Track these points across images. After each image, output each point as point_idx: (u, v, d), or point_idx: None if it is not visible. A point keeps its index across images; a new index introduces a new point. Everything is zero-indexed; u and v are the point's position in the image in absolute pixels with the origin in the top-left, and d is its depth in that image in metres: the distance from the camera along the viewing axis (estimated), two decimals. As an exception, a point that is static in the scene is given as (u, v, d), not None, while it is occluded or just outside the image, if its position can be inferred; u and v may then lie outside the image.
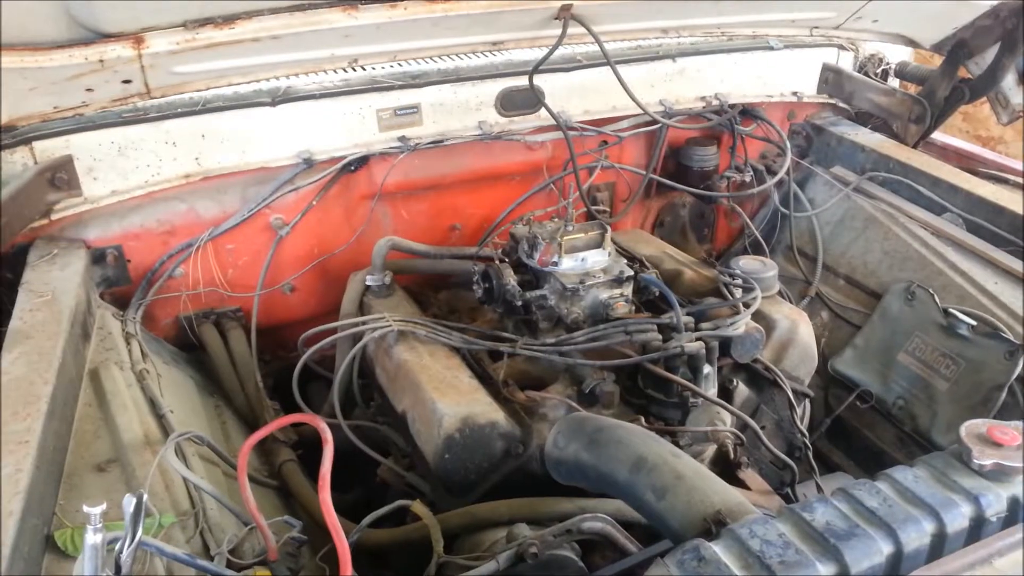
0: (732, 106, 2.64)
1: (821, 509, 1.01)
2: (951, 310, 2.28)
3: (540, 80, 2.28)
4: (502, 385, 1.83)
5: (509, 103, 2.30)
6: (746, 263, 2.10)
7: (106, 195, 1.97)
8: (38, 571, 1.20)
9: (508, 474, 1.67)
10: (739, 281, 1.99)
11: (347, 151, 2.16)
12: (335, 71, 2.09)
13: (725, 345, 1.86)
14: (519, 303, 1.93)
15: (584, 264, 1.95)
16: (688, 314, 1.86)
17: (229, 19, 1.61)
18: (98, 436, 1.62)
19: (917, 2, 2.20)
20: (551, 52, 2.04)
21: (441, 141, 2.24)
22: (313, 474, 1.87)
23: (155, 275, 2.09)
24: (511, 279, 1.94)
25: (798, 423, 1.93)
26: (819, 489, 1.92)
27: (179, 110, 1.96)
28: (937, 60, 2.83)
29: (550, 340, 1.86)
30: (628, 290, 1.96)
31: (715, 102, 2.61)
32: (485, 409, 1.67)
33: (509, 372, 1.89)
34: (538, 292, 1.94)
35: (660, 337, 1.79)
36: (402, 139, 2.20)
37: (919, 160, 2.69)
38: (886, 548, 0.98)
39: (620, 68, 2.28)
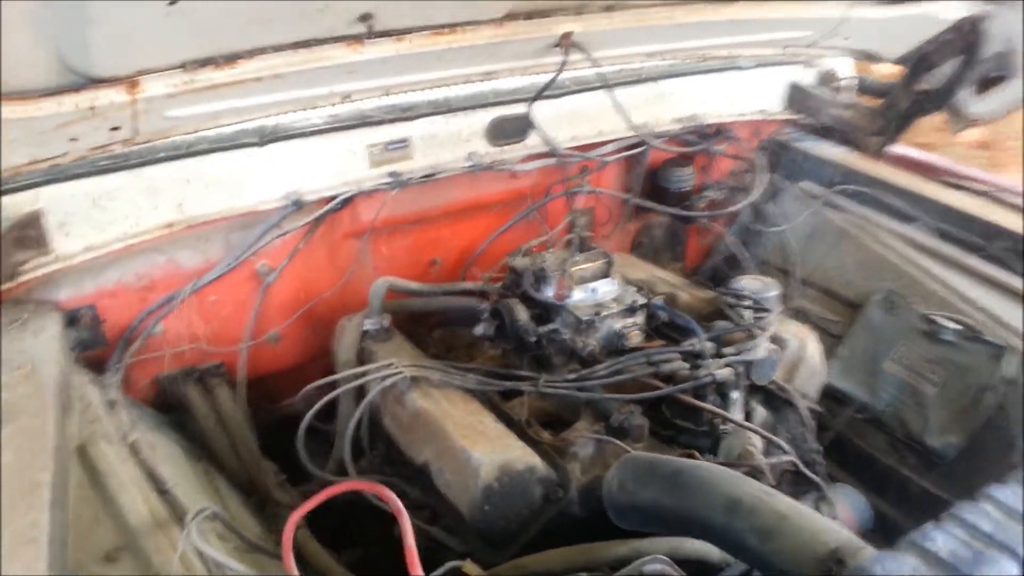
0: (708, 127, 2.66)
1: (941, 538, 1.00)
2: (933, 316, 2.34)
3: (532, 108, 2.25)
4: (526, 426, 1.77)
5: (499, 132, 2.25)
6: (747, 283, 2.11)
7: (79, 252, 1.81)
8: None
9: (548, 521, 1.61)
10: (747, 302, 1.98)
11: (337, 190, 2.06)
12: (324, 107, 1.99)
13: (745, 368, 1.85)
14: (532, 339, 1.87)
15: (595, 295, 1.92)
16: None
17: (231, 59, 1.51)
18: (98, 521, 1.47)
19: (889, 19, 2.26)
20: (553, 80, 2.00)
21: (432, 175, 2.17)
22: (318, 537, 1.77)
23: (133, 334, 1.93)
24: (523, 315, 1.88)
25: (813, 442, 1.94)
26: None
27: (160, 155, 1.82)
28: (874, 67, 2.94)
29: (570, 376, 1.81)
30: (640, 319, 1.93)
31: (691, 123, 2.62)
32: (521, 454, 1.61)
33: (527, 411, 1.84)
34: (551, 327, 1.90)
35: (686, 365, 1.76)
36: (393, 175, 2.12)
37: (885, 171, 2.77)
38: (1014, 570, 0.97)
39: (604, 93, 2.27)
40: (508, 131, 2.27)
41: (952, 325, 2.28)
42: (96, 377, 1.84)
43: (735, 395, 1.76)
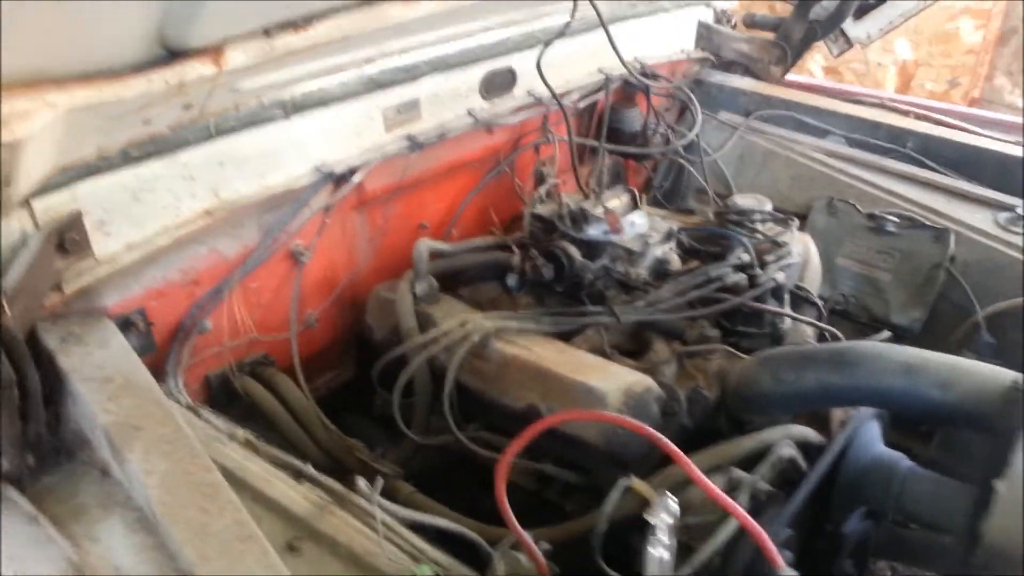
0: (648, 67, 2.83)
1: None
2: (873, 213, 2.68)
3: (513, 61, 2.29)
4: (611, 356, 1.87)
5: (491, 87, 2.28)
6: (743, 201, 2.30)
7: (121, 251, 1.65)
8: None
9: (667, 435, 1.72)
10: (757, 216, 2.18)
11: (360, 158, 2.01)
12: (338, 73, 1.93)
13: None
14: (590, 276, 1.96)
15: (635, 227, 2.03)
16: (742, 252, 2.02)
17: (307, 20, 1.44)
18: (258, 518, 1.40)
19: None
20: (567, 25, 2.05)
21: (444, 134, 2.16)
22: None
23: (186, 333, 1.80)
24: (578, 255, 1.96)
25: (829, 331, 2.18)
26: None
27: (190, 139, 1.69)
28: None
29: (639, 303, 1.92)
30: (674, 244, 2.07)
31: (637, 66, 2.77)
32: (637, 378, 1.71)
33: (590, 346, 1.93)
34: (600, 262, 1.99)
35: (743, 276, 1.93)
36: (410, 137, 2.09)
37: (796, 94, 3.09)
38: None
39: (567, 42, 2.35)
40: (498, 85, 2.30)
41: (892, 218, 2.63)
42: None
43: (787, 296, 1.95)
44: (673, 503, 0.93)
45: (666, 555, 0.89)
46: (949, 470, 1.79)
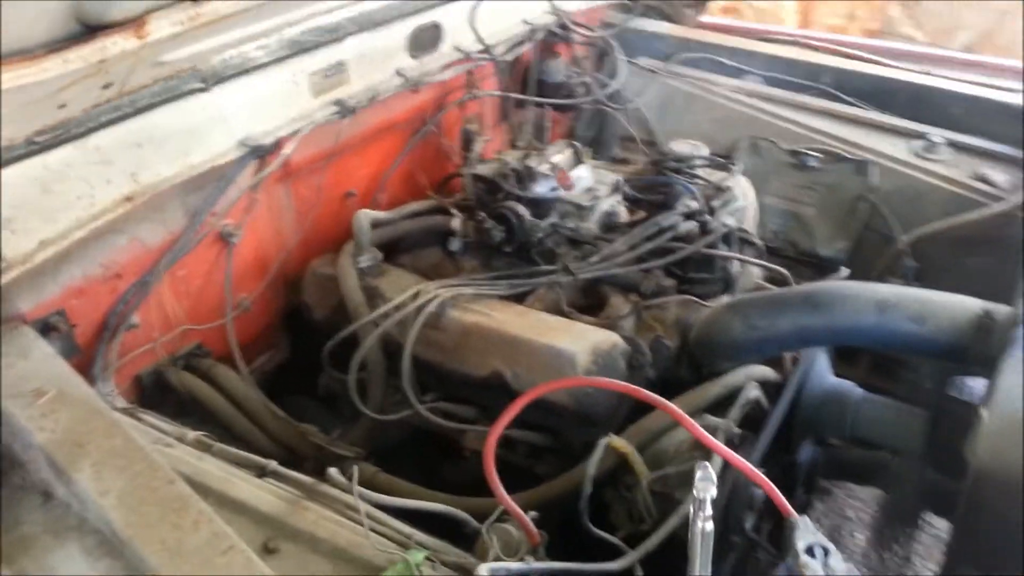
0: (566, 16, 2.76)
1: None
2: (795, 149, 2.72)
3: (438, 15, 2.19)
4: (569, 315, 1.83)
5: (417, 44, 2.17)
6: (680, 147, 2.29)
7: (34, 249, 1.49)
8: None
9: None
10: (697, 162, 2.17)
11: (287, 127, 1.88)
12: (260, 39, 1.78)
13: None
14: (540, 235, 1.91)
15: (583, 181, 1.99)
16: (686, 199, 2.01)
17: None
18: (229, 522, 1.31)
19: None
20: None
21: (375, 97, 2.05)
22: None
23: (112, 332, 1.65)
24: (527, 214, 1.91)
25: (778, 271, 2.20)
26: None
27: (103, 119, 1.53)
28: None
29: (593, 259, 1.89)
30: (620, 196, 2.05)
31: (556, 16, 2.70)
32: (601, 335, 1.69)
33: (545, 306, 1.90)
34: (550, 220, 1.95)
35: (693, 224, 1.92)
36: (339, 102, 1.97)
37: (713, 36, 3.10)
38: None
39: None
40: (424, 42, 2.20)
41: (814, 154, 2.68)
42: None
43: (737, 240, 1.96)
44: (712, 471, 0.91)
45: (710, 526, 0.87)
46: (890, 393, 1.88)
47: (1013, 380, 1.18)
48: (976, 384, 2.04)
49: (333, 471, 1.37)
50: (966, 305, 1.38)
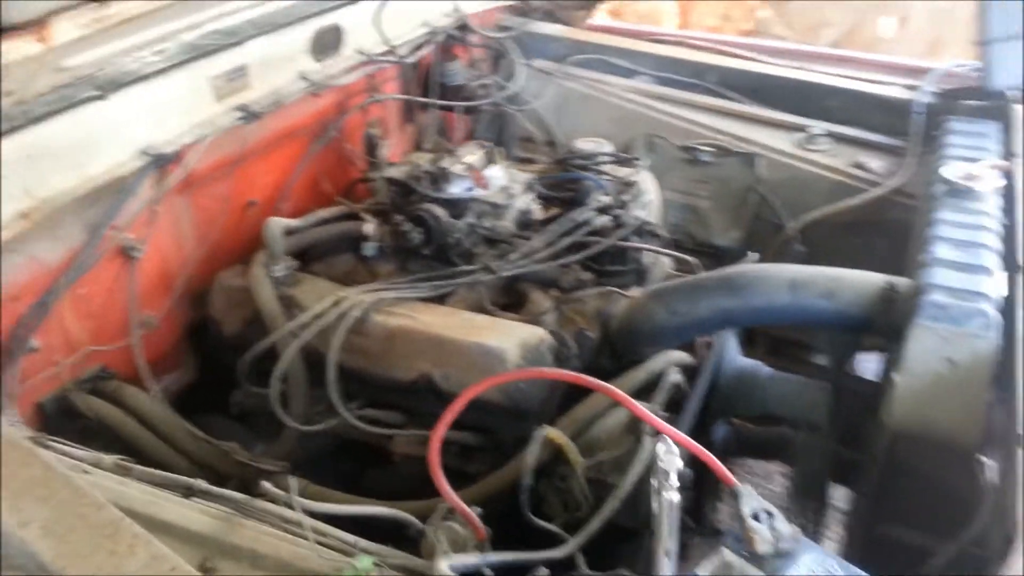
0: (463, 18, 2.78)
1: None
2: (688, 145, 2.85)
3: (339, 17, 2.16)
4: (492, 313, 1.85)
5: (319, 46, 2.13)
6: (584, 145, 2.35)
7: (-80, 276, 1.38)
8: None
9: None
10: (603, 159, 2.23)
11: (191, 135, 1.80)
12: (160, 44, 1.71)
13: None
14: (458, 235, 1.92)
15: (497, 180, 2.01)
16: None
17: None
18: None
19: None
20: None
21: (279, 101, 1.99)
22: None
23: (10, 358, 1.54)
24: (444, 215, 1.91)
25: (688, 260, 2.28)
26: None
27: (-10, 131, 1.43)
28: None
29: (514, 256, 1.91)
30: (533, 194, 2.08)
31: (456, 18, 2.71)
32: (528, 331, 1.71)
33: (467, 306, 1.91)
34: (467, 220, 1.96)
35: (606, 218, 1.98)
36: (242, 107, 1.91)
37: (604, 38, 3.19)
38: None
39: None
40: (327, 44, 2.16)
41: (706, 148, 2.81)
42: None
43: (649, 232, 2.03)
44: (673, 445, 0.94)
45: (676, 497, 0.90)
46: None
47: (921, 345, 1.28)
48: (870, 362, 2.21)
49: (267, 485, 1.33)
50: (870, 279, 1.49)
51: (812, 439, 1.90)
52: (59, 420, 1.69)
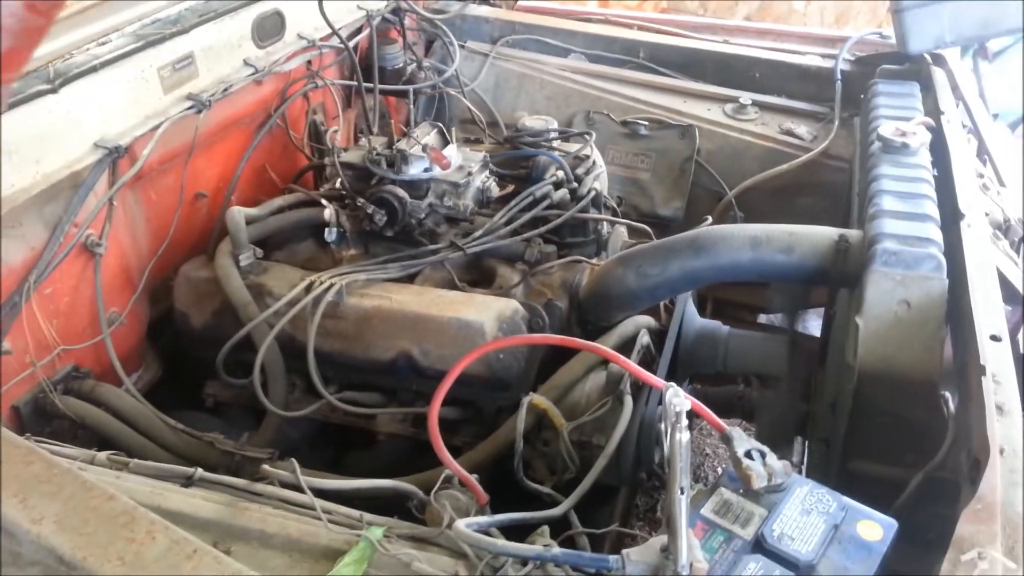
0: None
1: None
2: (626, 120, 2.93)
3: (279, 3, 2.14)
4: (462, 289, 1.89)
5: (262, 32, 2.10)
6: (531, 123, 2.39)
7: None
8: None
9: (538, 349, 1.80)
10: (553, 136, 2.29)
11: (142, 126, 1.77)
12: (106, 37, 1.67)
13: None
14: (420, 216, 1.95)
15: (454, 160, 2.04)
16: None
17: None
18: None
19: None
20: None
21: (227, 89, 1.97)
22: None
23: (-19, 363, 1.50)
24: (407, 196, 1.93)
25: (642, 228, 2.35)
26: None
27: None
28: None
29: (478, 233, 1.95)
30: (488, 172, 2.12)
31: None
32: (502, 303, 1.76)
33: (436, 284, 1.95)
34: (427, 200, 1.98)
35: (564, 191, 2.03)
36: (191, 96, 1.88)
37: (534, 18, 3.24)
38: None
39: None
40: (269, 30, 2.14)
41: (643, 123, 2.90)
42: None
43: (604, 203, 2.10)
44: (679, 388, 1.00)
45: (687, 436, 0.97)
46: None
47: (878, 289, 1.39)
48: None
49: (268, 468, 1.34)
50: (824, 232, 1.59)
51: (774, 393, 2.01)
52: (36, 422, 1.65)
